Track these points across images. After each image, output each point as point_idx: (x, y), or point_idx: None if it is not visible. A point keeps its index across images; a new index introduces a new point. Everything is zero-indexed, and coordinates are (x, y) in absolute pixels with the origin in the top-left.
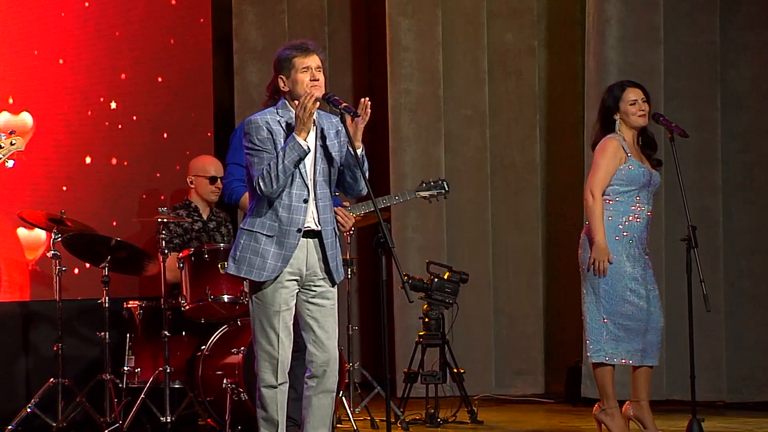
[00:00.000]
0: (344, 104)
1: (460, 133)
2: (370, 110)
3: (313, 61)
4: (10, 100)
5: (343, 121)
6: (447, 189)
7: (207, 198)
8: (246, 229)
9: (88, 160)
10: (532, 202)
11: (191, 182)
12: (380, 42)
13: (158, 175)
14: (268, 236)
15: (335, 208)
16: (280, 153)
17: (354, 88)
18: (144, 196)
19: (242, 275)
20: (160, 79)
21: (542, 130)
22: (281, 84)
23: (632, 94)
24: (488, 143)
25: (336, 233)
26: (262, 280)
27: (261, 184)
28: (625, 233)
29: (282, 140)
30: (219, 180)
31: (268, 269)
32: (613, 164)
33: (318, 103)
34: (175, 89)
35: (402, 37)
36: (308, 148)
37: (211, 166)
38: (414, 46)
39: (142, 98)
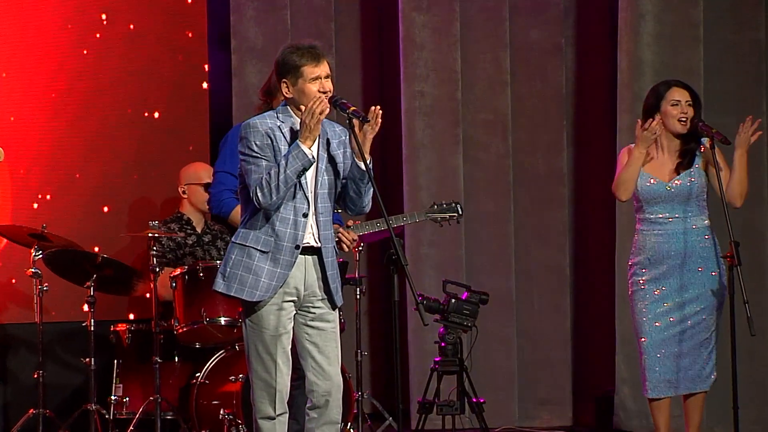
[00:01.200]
0: (353, 108)
1: (479, 140)
2: (381, 119)
3: (324, 69)
4: None
5: (351, 127)
6: (460, 212)
7: (202, 208)
8: (238, 244)
9: (70, 168)
10: (559, 215)
11: (183, 192)
12: (392, 40)
13: (148, 185)
14: (263, 252)
15: (334, 225)
16: (282, 161)
17: (363, 90)
18: (133, 209)
19: (233, 294)
20: (149, 81)
21: (570, 136)
22: (284, 89)
23: (677, 94)
24: (510, 150)
25: (336, 252)
26: (254, 300)
27: (259, 194)
28: (648, 252)
29: (283, 147)
30: None
31: (261, 288)
32: None
33: (328, 109)
34: (166, 92)
35: (416, 35)
36: (313, 157)
37: (205, 172)
38: (429, 44)
39: (129, 102)
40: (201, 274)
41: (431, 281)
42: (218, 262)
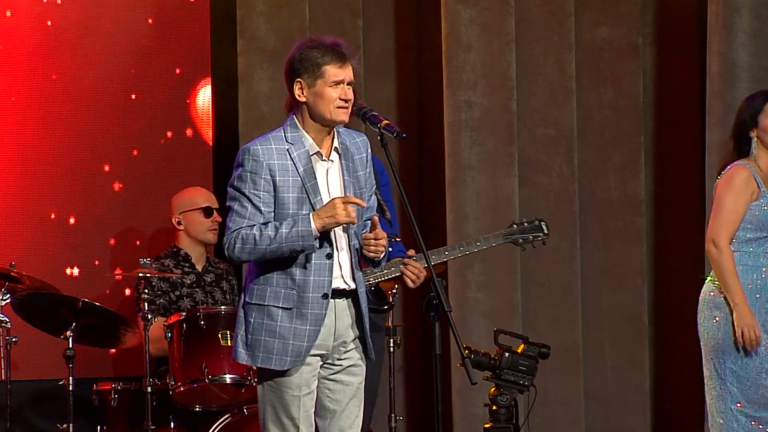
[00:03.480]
0: (385, 122)
1: (539, 160)
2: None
3: (348, 74)
4: None
5: (384, 145)
6: (546, 232)
7: (203, 238)
8: (255, 304)
9: (45, 196)
10: (635, 251)
11: (178, 223)
12: (433, 39)
13: (138, 216)
14: (286, 309)
15: (405, 260)
16: (283, 230)
17: (397, 100)
18: (120, 244)
19: (259, 364)
20: (141, 90)
21: (649, 155)
22: (297, 91)
23: None
24: (576, 172)
25: (369, 298)
26: (285, 368)
27: (236, 246)
28: (757, 295)
29: (292, 179)
30: (216, 212)
31: (292, 353)
32: (742, 201)
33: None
34: (161, 102)
35: (462, 33)
36: (317, 245)
37: (202, 196)
38: (478, 44)
39: (117, 114)
40: (202, 322)
41: (480, 331)
42: (223, 307)
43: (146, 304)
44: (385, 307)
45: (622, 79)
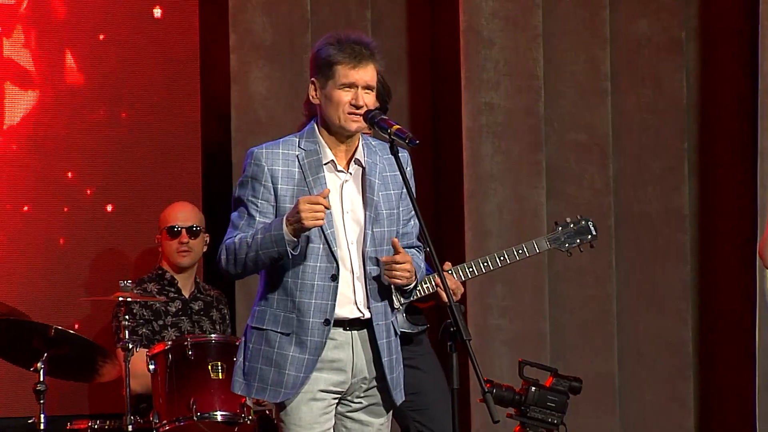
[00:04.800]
0: (396, 127)
1: (569, 169)
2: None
3: (363, 76)
4: None
5: (395, 153)
6: (595, 233)
7: (175, 261)
8: (255, 328)
9: (25, 208)
10: (678, 271)
11: (158, 243)
12: (450, 34)
13: (118, 234)
14: (284, 334)
15: (435, 280)
16: (258, 236)
17: (410, 102)
18: (98, 266)
19: (254, 395)
20: (127, 89)
21: (693, 164)
22: (311, 91)
23: None
24: (611, 183)
25: (396, 332)
26: (278, 400)
27: (222, 257)
28: None
29: (292, 189)
30: (185, 231)
31: (287, 384)
32: None
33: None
34: (146, 105)
35: (483, 27)
36: (293, 251)
37: (173, 214)
38: (501, 39)
39: (97, 120)
40: (190, 352)
41: (503, 362)
42: (214, 336)
43: (126, 332)
44: (421, 327)
45: (662, 79)
